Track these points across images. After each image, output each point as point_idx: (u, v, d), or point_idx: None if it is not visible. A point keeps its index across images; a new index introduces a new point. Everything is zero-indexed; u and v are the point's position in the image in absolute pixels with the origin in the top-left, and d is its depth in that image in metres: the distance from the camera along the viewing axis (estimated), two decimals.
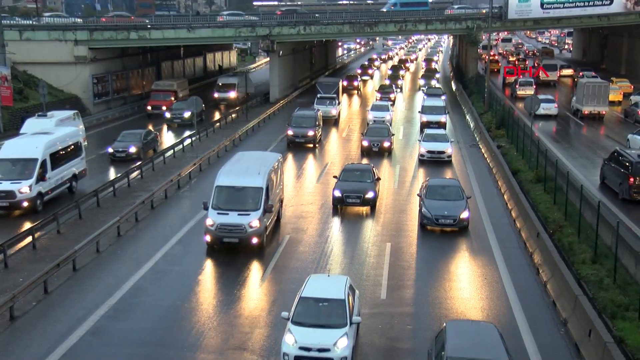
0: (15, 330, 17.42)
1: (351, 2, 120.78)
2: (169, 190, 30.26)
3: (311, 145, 41.06)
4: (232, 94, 60.39)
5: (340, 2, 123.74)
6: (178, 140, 41.28)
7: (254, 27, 60.81)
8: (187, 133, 44.03)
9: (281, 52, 63.13)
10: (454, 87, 73.63)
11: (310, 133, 40.55)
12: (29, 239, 23.34)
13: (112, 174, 34.59)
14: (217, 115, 54.24)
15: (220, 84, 61.74)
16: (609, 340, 14.78)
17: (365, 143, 38.50)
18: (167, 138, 45.42)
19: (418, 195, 26.87)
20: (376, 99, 57.87)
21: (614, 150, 31.69)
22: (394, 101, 59.26)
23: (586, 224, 22.89)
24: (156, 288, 20.00)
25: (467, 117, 51.94)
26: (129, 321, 17.86)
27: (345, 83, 67.80)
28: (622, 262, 19.64)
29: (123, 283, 20.28)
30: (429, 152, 36.14)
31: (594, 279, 19.43)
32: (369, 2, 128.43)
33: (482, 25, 63.00)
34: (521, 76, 69.15)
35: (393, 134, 40.28)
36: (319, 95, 52.79)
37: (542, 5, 63.44)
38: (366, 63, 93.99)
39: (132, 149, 37.18)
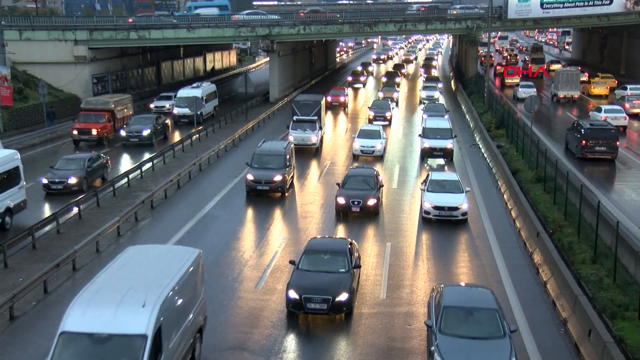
0: (15, 330, 17.42)
1: (351, 2, 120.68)
2: (168, 190, 30.26)
3: (279, 194, 29.81)
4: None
5: (340, 2, 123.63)
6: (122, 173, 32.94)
7: (253, 27, 60.89)
8: (147, 156, 37.04)
9: (281, 52, 63.18)
10: (453, 87, 73.78)
11: (277, 178, 29.12)
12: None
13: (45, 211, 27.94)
14: (178, 135, 44.98)
15: (180, 97, 49.67)
16: (609, 340, 14.78)
17: (341, 200, 26.55)
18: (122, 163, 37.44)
19: (427, 324, 15.66)
20: (369, 118, 49.36)
21: (573, 121, 40.79)
22: (390, 120, 49.31)
23: (586, 224, 22.91)
24: None
25: (467, 116, 52.04)
26: None
27: (329, 99, 56.23)
28: (622, 262, 19.65)
29: None
30: (436, 208, 25.85)
31: (594, 279, 19.44)
32: (368, 2, 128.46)
33: (482, 25, 63.10)
34: (521, 75, 72.74)
35: (382, 185, 28.78)
36: (295, 118, 40.83)
37: (541, 5, 63.58)
38: (359, 69, 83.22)
39: (73, 180, 29.89)
